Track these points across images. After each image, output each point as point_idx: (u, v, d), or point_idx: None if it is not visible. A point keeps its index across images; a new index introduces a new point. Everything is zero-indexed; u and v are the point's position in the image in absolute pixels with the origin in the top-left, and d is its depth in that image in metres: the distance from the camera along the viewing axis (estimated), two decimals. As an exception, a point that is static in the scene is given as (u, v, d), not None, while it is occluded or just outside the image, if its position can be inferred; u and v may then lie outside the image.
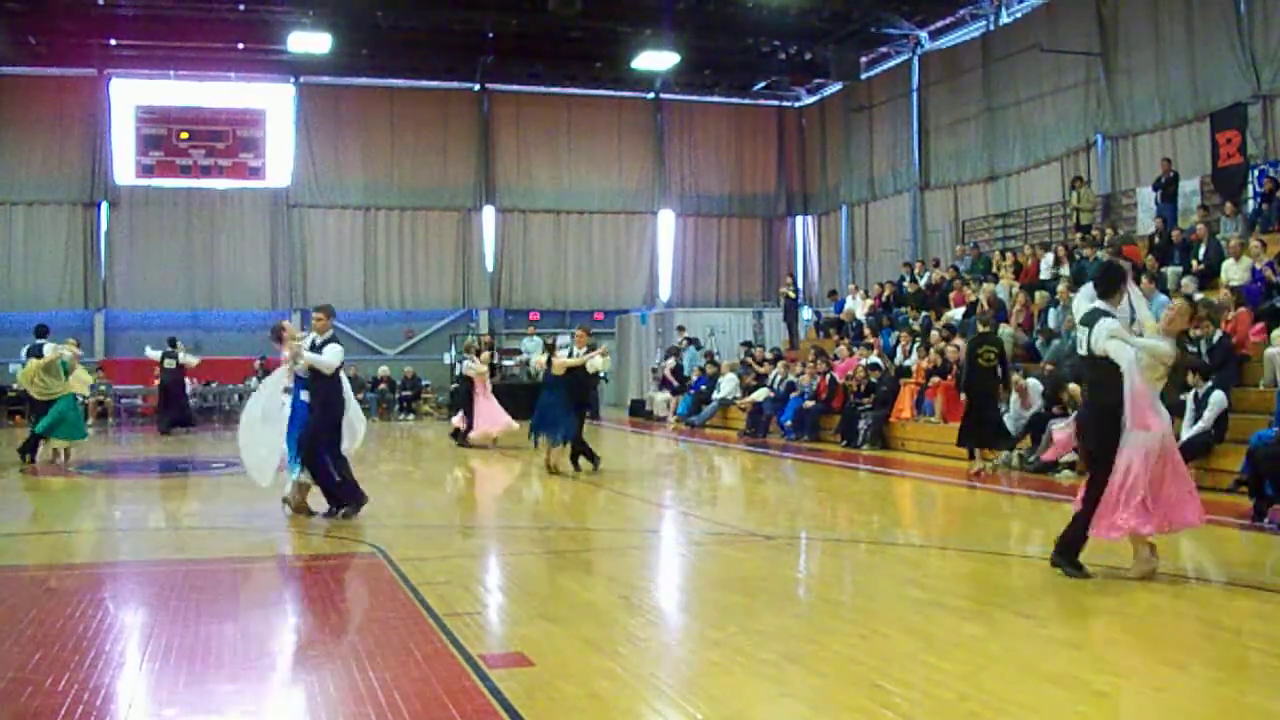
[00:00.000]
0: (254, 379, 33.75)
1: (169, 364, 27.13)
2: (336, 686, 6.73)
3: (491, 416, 23.61)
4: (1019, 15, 29.83)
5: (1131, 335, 9.19)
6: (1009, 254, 26.35)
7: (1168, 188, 23.95)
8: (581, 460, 18.28)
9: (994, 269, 26.15)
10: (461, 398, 24.93)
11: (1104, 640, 7.76)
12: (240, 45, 34.41)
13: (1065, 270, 23.47)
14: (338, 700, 6.51)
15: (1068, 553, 9.53)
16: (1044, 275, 24.21)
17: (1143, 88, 25.95)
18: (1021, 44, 28.70)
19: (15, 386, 27.63)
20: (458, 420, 24.55)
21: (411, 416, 34.35)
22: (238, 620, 8.57)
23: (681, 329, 34.19)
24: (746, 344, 32.65)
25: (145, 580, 10.41)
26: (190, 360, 27.66)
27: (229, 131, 36.52)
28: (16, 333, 28.47)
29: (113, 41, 33.96)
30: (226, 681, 6.94)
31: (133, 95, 36.14)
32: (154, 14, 31.57)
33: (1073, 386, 16.62)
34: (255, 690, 6.87)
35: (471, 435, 23.61)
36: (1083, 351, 9.52)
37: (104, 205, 35.77)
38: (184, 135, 36.17)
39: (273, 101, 37.05)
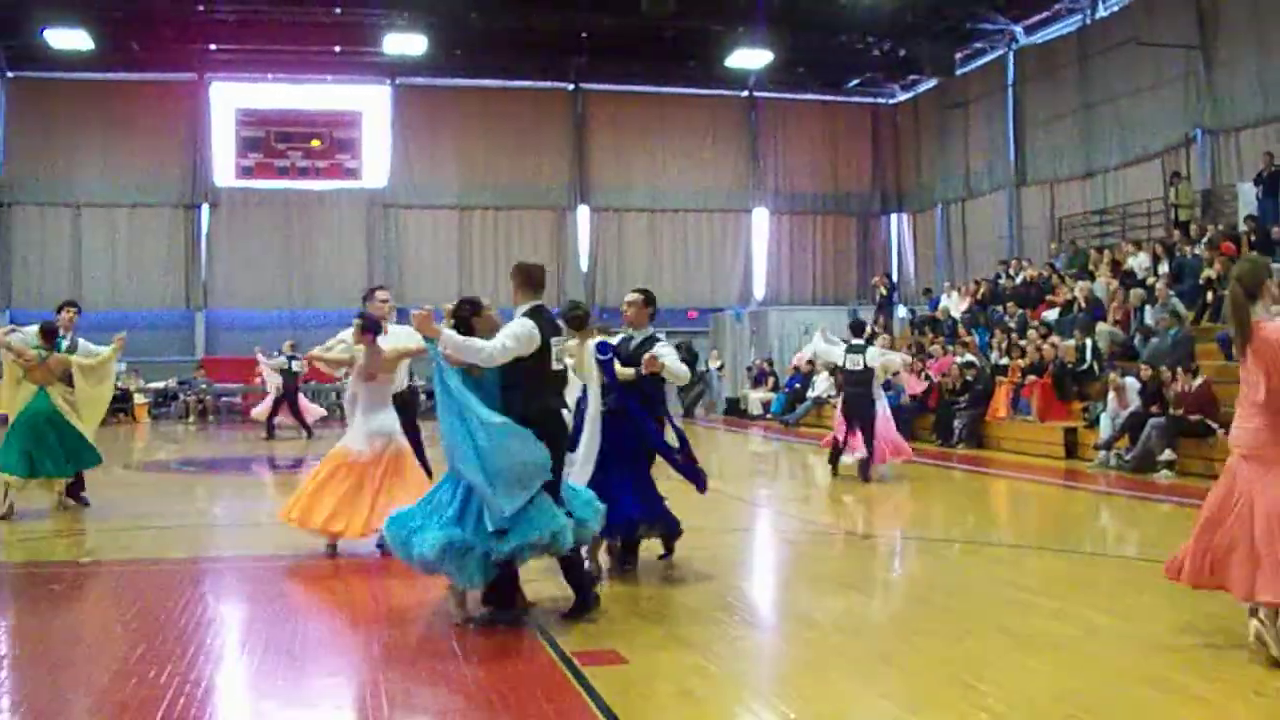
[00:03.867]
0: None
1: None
2: (431, 682, 6.81)
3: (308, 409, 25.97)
4: (1116, 9, 29.33)
5: None
6: (1106, 251, 26.02)
7: (1270, 182, 23.50)
8: None
9: (1090, 266, 25.85)
10: None
11: (1204, 644, 7.60)
12: (337, 48, 34.76)
13: (1164, 268, 23.18)
14: (432, 696, 6.59)
15: None
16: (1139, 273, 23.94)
17: (1243, 80, 25.45)
18: (1119, 38, 28.28)
19: (118, 385, 28.30)
20: None
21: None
22: (334, 616, 8.69)
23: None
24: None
25: (244, 575, 10.57)
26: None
27: (326, 133, 36.93)
28: (120, 330, 28.91)
29: (212, 46, 34.48)
30: (323, 675, 7.04)
31: (232, 98, 36.67)
32: (252, 18, 32.02)
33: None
34: (351, 685, 6.97)
35: None
36: None
37: (204, 207, 36.32)
38: (281, 137, 36.65)
39: (369, 103, 37.40)
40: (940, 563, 11.10)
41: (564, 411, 9.20)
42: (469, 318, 8.37)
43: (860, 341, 17.28)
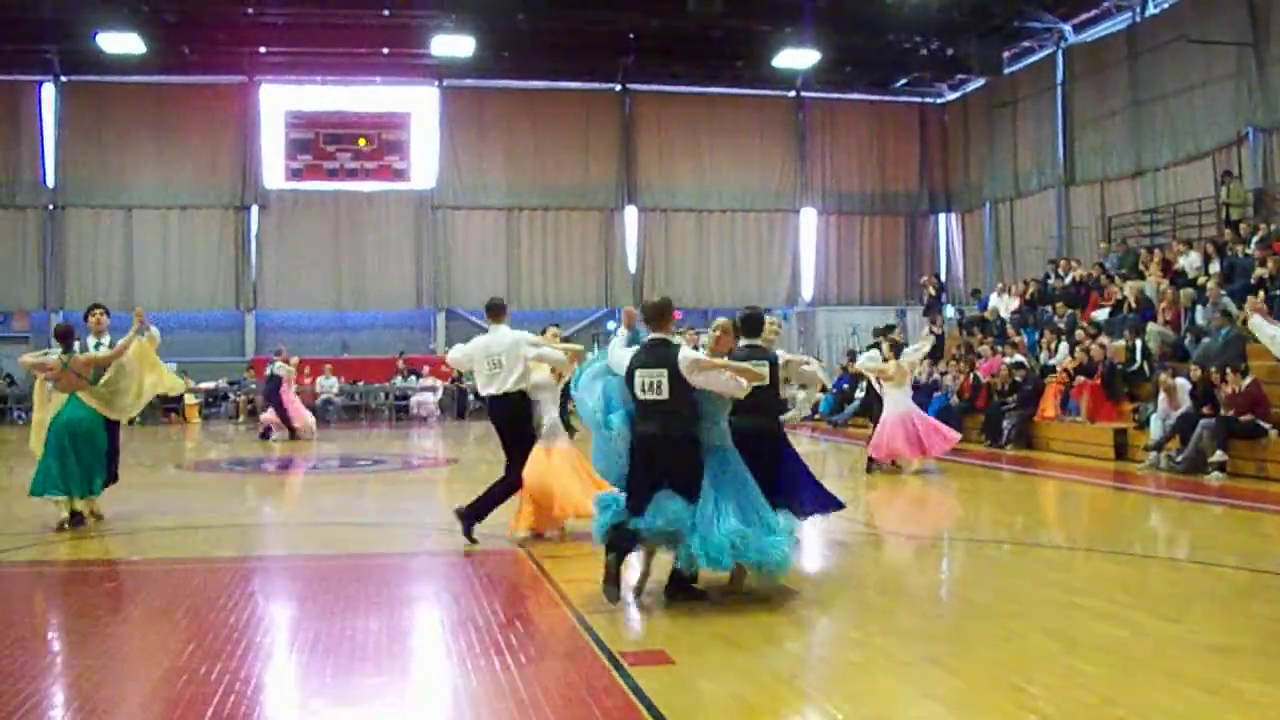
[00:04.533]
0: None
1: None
2: (479, 681, 6.83)
3: (300, 412, 26.13)
4: (1166, 6, 29.06)
5: None
6: (1156, 250, 25.84)
7: (1323, 182, 23.31)
8: None
9: (1140, 266, 25.67)
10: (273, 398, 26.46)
11: (1256, 648, 7.51)
12: (385, 50, 34.93)
13: (1215, 267, 23.00)
14: (479, 695, 6.61)
15: None
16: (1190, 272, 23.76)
17: (1296, 79, 25.26)
18: (1169, 35, 28.05)
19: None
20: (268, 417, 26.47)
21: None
22: (382, 614, 8.72)
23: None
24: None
25: (293, 574, 10.66)
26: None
27: (374, 135, 37.13)
28: (172, 330, 29.18)
29: (262, 49, 34.75)
30: (372, 674, 7.08)
31: (281, 101, 36.96)
32: (302, 21, 32.31)
33: None
34: (399, 683, 7.01)
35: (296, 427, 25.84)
36: None
37: (254, 208, 36.62)
38: (330, 139, 36.88)
39: (417, 104, 37.59)
40: (988, 564, 11.05)
41: None
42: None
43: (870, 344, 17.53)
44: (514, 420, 11.50)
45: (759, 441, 9.33)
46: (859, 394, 28.78)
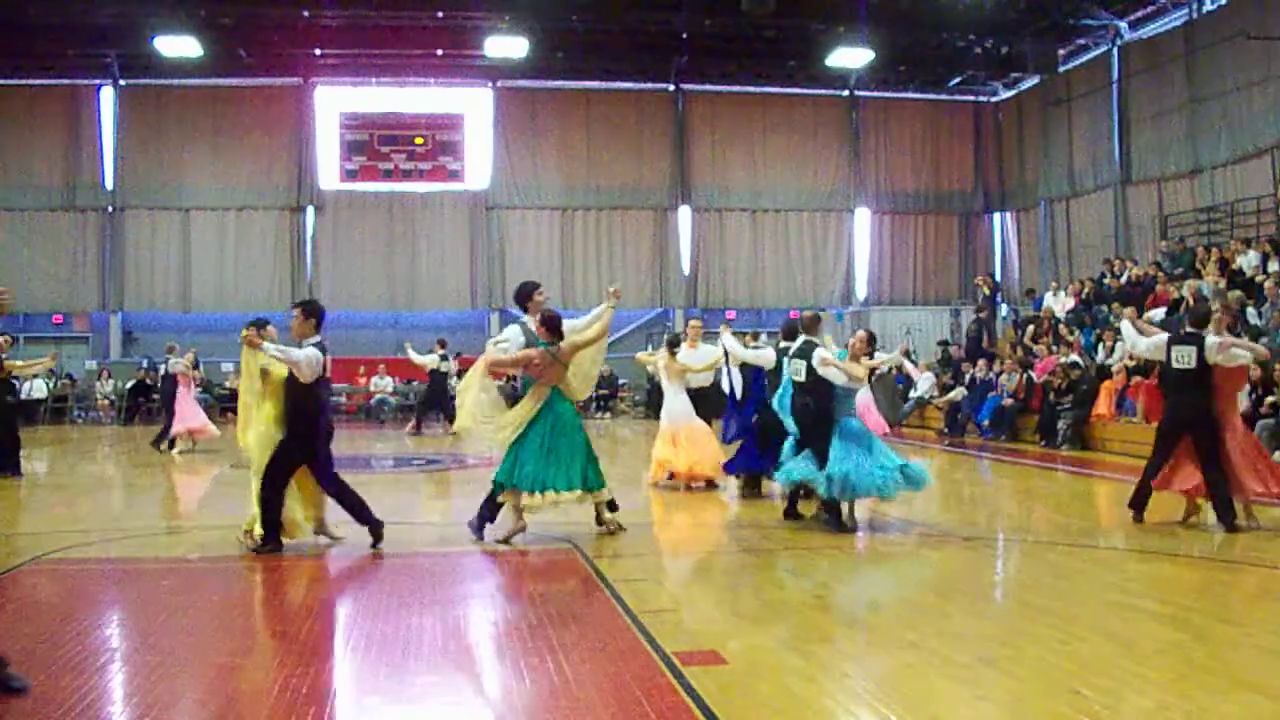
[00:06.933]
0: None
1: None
2: (532, 680, 6.84)
3: (192, 415, 23.36)
4: (1224, 2, 28.80)
5: None
6: (1214, 249, 25.60)
7: (1385, 178, 23.03)
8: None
9: (1197, 264, 25.43)
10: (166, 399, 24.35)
11: (1318, 652, 7.47)
12: (439, 51, 35.09)
13: (1274, 266, 22.76)
14: (533, 693, 6.62)
15: None
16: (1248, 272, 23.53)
17: (1359, 74, 24.96)
18: (1227, 32, 27.77)
19: (228, 384, 28.86)
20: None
21: (608, 415, 34.69)
22: (435, 613, 8.75)
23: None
24: (943, 343, 32.28)
25: (350, 571, 10.72)
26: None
27: (429, 136, 37.32)
28: (228, 331, 29.44)
29: (317, 51, 35.02)
30: (425, 673, 7.10)
31: (336, 103, 37.23)
32: (356, 24, 32.57)
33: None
34: (453, 681, 7.03)
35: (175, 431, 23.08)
36: None
37: (309, 209, 36.95)
38: (385, 140, 37.10)
39: (471, 105, 37.75)
40: (1044, 565, 10.96)
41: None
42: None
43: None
44: None
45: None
46: (913, 394, 28.79)
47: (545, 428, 11.45)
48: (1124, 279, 27.60)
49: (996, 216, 40.30)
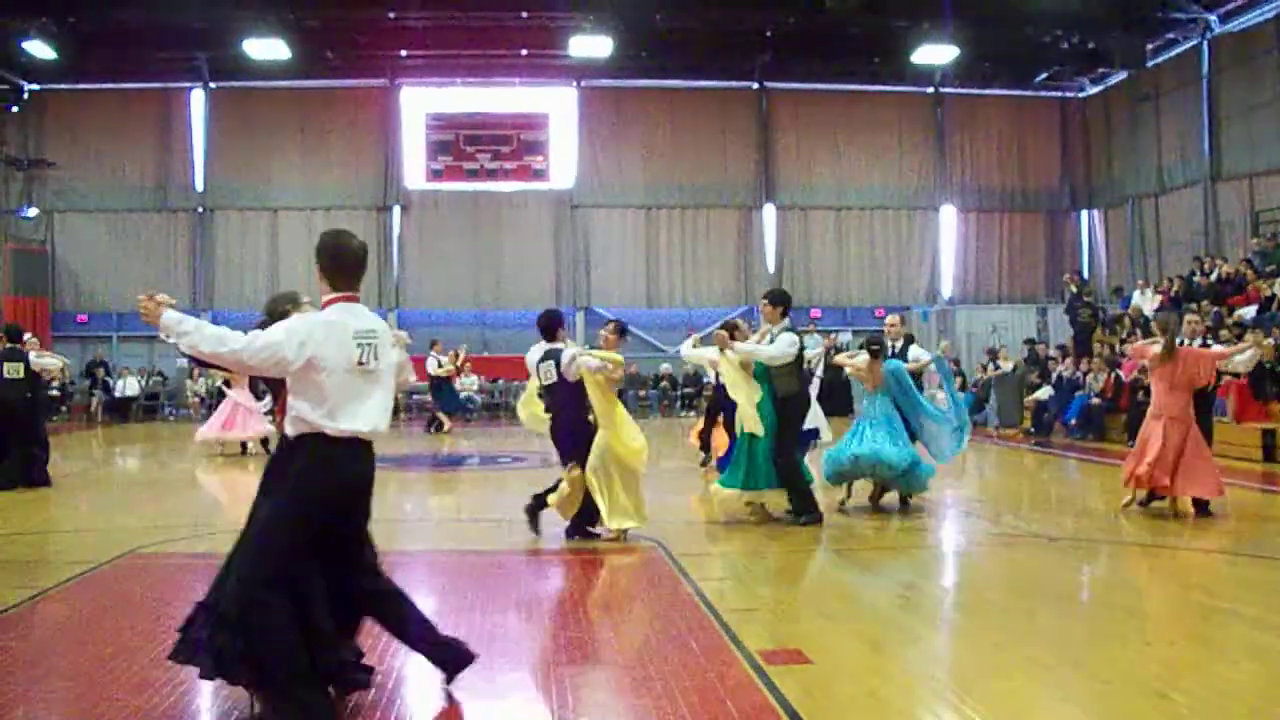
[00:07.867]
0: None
1: None
2: (616, 679, 6.89)
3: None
4: (1319, -7, 28.40)
5: None
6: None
7: None
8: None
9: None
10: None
11: None
12: (523, 51, 35.25)
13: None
14: (617, 692, 6.67)
15: None
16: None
17: None
18: (1322, 25, 27.38)
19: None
20: None
21: (692, 414, 34.67)
22: (520, 610, 8.83)
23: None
24: (1030, 341, 31.99)
25: (431, 569, 10.80)
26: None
27: (514, 135, 37.51)
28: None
29: (403, 53, 35.30)
30: (509, 669, 7.17)
31: (422, 103, 37.50)
32: (442, 25, 32.81)
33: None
34: (536, 680, 7.07)
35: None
36: None
37: (396, 209, 37.27)
38: (470, 140, 37.33)
39: (555, 105, 37.88)
40: (1129, 567, 10.88)
41: None
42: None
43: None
44: None
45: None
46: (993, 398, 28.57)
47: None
48: (1214, 276, 27.24)
49: (1084, 214, 39.84)
